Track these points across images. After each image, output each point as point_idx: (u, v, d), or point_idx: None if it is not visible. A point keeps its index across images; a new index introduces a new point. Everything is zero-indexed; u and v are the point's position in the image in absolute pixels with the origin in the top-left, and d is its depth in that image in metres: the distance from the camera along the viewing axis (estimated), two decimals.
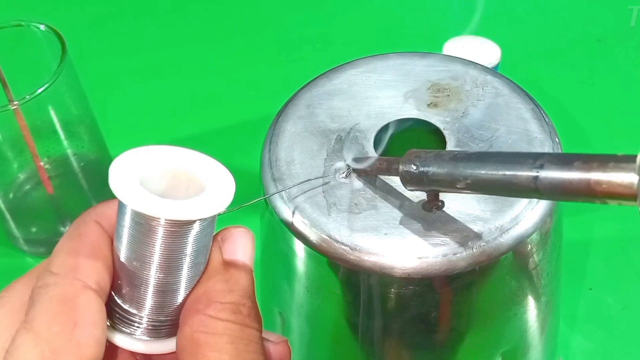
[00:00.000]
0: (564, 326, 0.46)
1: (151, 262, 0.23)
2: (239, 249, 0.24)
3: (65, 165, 0.52)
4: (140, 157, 0.23)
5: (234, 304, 0.23)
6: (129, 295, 0.24)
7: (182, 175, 0.23)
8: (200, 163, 0.24)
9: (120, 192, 0.22)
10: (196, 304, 0.23)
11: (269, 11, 0.75)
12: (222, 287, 0.23)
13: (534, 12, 0.72)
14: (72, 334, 0.22)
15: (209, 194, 0.23)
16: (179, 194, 0.23)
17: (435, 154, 0.27)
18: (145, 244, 0.22)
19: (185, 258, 0.23)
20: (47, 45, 0.49)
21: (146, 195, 0.22)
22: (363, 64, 0.37)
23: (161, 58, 0.70)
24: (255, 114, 0.56)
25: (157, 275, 0.23)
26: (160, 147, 0.24)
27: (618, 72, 0.65)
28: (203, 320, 0.23)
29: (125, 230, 0.23)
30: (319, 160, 0.32)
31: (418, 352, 0.34)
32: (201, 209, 0.22)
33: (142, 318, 0.24)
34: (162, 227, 0.22)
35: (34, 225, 0.55)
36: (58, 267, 0.23)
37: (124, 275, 0.23)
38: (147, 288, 0.23)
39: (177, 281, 0.23)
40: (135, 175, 0.22)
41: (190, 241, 0.23)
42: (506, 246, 0.29)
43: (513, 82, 0.35)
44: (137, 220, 0.22)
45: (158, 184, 0.23)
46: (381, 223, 0.30)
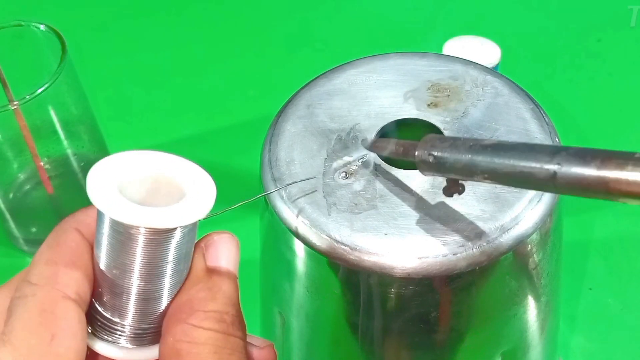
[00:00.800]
0: (564, 326, 0.46)
1: (132, 270, 0.22)
2: (222, 255, 0.24)
3: (65, 165, 0.52)
4: (118, 164, 0.22)
5: (218, 312, 0.23)
6: (110, 303, 0.23)
7: (162, 181, 0.23)
8: (180, 168, 0.23)
9: (98, 200, 0.21)
10: (179, 313, 0.23)
11: (269, 11, 0.75)
12: (205, 295, 0.23)
13: (534, 12, 0.72)
14: (49, 346, 0.21)
15: (189, 200, 0.22)
16: (160, 199, 0.23)
17: (451, 143, 0.27)
18: (125, 252, 0.22)
19: (166, 266, 0.23)
20: (47, 45, 0.49)
21: (124, 203, 0.21)
22: (363, 64, 0.37)
23: (161, 58, 0.70)
24: (255, 114, 0.56)
25: (138, 283, 0.23)
26: (139, 153, 0.23)
27: (618, 72, 0.65)
28: (185, 329, 0.22)
29: (105, 239, 0.22)
30: (319, 160, 0.32)
31: (418, 352, 0.33)
32: (181, 216, 0.22)
33: (124, 326, 0.23)
34: (141, 235, 0.22)
35: (34, 225, 0.55)
36: (36, 277, 0.22)
37: (104, 283, 0.23)
38: (129, 296, 0.23)
39: (159, 289, 0.23)
40: (114, 183, 0.22)
41: (172, 249, 0.22)
42: (506, 246, 0.29)
43: (513, 82, 0.35)
44: (115, 229, 0.22)
45: (137, 191, 0.23)
46: (381, 223, 0.30)
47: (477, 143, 0.26)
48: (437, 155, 0.27)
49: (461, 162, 0.26)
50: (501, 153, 0.25)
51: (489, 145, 0.25)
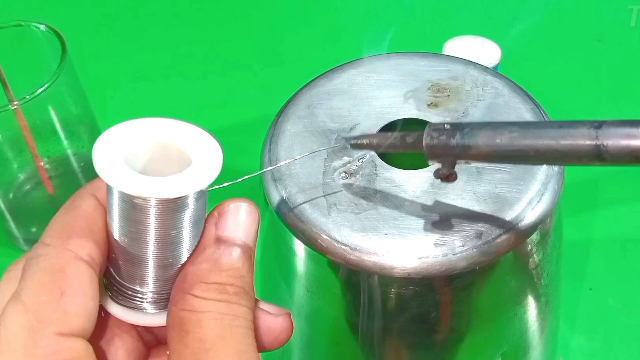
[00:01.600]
0: (564, 326, 0.46)
1: (143, 239, 0.22)
2: (236, 224, 0.24)
3: (65, 165, 0.52)
4: (123, 133, 0.22)
5: (221, 284, 0.23)
6: (124, 269, 0.23)
7: (170, 148, 0.23)
8: (186, 133, 0.23)
9: (104, 172, 0.21)
10: (182, 283, 0.23)
11: (269, 11, 0.75)
12: (209, 266, 0.23)
13: (534, 12, 0.72)
14: (59, 303, 0.21)
15: (196, 167, 0.22)
16: (167, 166, 0.23)
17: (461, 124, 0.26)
18: (134, 221, 0.22)
19: (177, 233, 0.23)
20: (47, 45, 0.49)
21: (130, 174, 0.21)
22: (363, 64, 0.37)
23: (161, 58, 0.70)
24: (255, 114, 0.56)
25: (151, 251, 0.23)
26: (144, 121, 0.23)
27: (618, 72, 0.65)
28: (187, 299, 0.22)
29: (114, 209, 0.22)
30: (319, 160, 0.32)
31: (418, 352, 0.34)
32: (189, 184, 0.21)
33: (142, 292, 0.24)
34: (149, 204, 0.22)
35: (34, 225, 0.55)
36: (50, 239, 0.23)
37: (117, 249, 0.23)
38: (144, 264, 0.23)
39: (173, 255, 0.23)
40: (120, 154, 0.22)
41: (182, 216, 0.22)
42: (506, 246, 0.29)
43: (513, 82, 0.35)
44: (124, 200, 0.22)
45: (145, 159, 0.22)
46: (381, 223, 0.30)
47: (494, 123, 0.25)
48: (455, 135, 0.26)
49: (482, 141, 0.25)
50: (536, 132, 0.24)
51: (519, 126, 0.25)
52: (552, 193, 0.31)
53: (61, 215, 0.23)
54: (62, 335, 0.21)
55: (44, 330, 0.21)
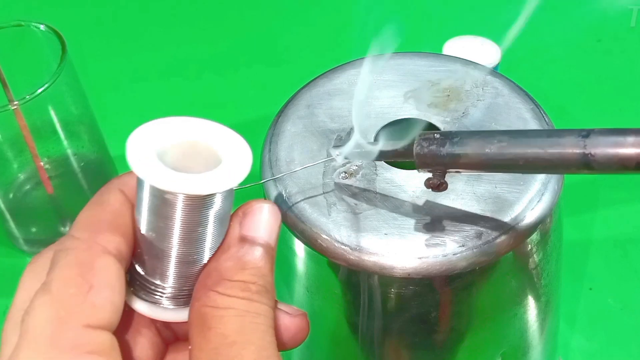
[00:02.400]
0: (564, 326, 0.46)
1: (170, 235, 0.23)
2: (259, 225, 0.24)
3: (65, 165, 0.52)
4: (157, 130, 0.23)
5: (244, 282, 0.23)
6: (149, 264, 0.24)
7: (200, 147, 0.23)
8: (217, 134, 0.24)
9: (137, 166, 0.22)
10: (206, 279, 0.23)
11: (269, 11, 0.75)
12: (233, 264, 0.23)
13: (534, 12, 0.72)
14: (87, 295, 0.22)
15: (226, 166, 0.23)
16: (197, 165, 0.23)
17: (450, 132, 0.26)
18: (163, 216, 0.23)
19: (203, 230, 0.23)
20: (47, 45, 0.49)
21: (162, 169, 0.22)
22: (363, 64, 0.37)
23: (161, 58, 0.70)
24: (255, 114, 0.56)
25: (176, 246, 0.23)
26: (178, 119, 0.24)
27: (618, 72, 0.65)
28: (210, 295, 0.23)
29: (144, 203, 0.23)
30: (319, 160, 0.32)
31: (418, 352, 0.33)
32: (217, 183, 0.22)
33: (164, 287, 0.24)
34: (178, 200, 0.22)
35: (34, 225, 0.55)
36: (79, 232, 0.23)
37: (143, 244, 0.24)
38: (168, 259, 0.23)
39: (196, 252, 0.23)
40: (153, 149, 0.22)
41: (208, 214, 0.23)
42: (506, 246, 0.29)
43: (513, 82, 0.35)
44: (154, 194, 0.22)
45: (176, 156, 0.23)
46: (381, 223, 0.30)
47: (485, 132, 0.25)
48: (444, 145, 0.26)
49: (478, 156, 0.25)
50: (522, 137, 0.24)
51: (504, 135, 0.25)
52: (552, 193, 0.31)
53: (89, 209, 0.24)
54: (89, 327, 0.22)
55: (72, 321, 0.21)
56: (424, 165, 0.27)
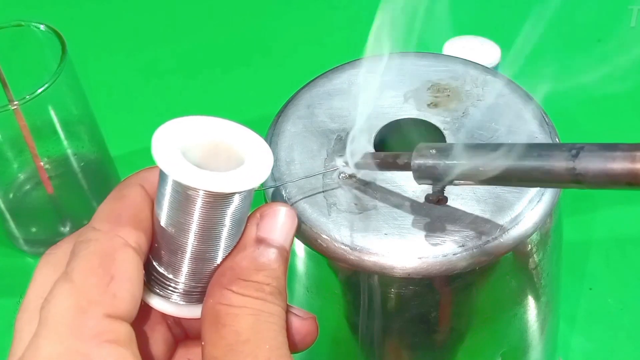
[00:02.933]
0: (564, 326, 0.46)
1: (188, 230, 0.23)
2: (275, 227, 0.25)
3: (65, 165, 0.52)
4: (182, 127, 0.23)
5: (258, 283, 0.23)
6: (165, 260, 0.24)
7: (222, 146, 0.24)
8: (240, 135, 0.24)
9: (162, 161, 0.22)
10: (221, 277, 0.24)
11: (269, 11, 0.75)
12: (248, 264, 0.24)
13: (534, 12, 0.72)
14: (108, 286, 0.22)
15: (247, 167, 0.23)
16: (219, 164, 0.24)
17: (446, 147, 0.27)
18: (183, 212, 0.23)
19: (221, 228, 0.23)
20: (47, 45, 0.49)
21: (186, 166, 0.22)
22: (363, 64, 0.37)
23: (161, 58, 0.70)
24: (255, 114, 0.56)
25: (193, 243, 0.23)
26: (203, 118, 0.24)
27: (618, 72, 0.65)
28: (225, 293, 0.23)
29: (165, 198, 0.23)
30: (319, 160, 0.32)
31: (418, 352, 0.33)
32: (239, 182, 0.22)
33: (177, 283, 0.24)
34: (199, 197, 0.23)
35: (34, 225, 0.55)
36: (100, 224, 0.23)
37: (162, 240, 0.24)
38: (184, 254, 0.24)
39: (212, 250, 0.24)
40: (177, 145, 0.23)
41: (227, 213, 0.23)
42: (506, 246, 0.29)
43: (513, 82, 0.35)
44: (176, 189, 0.23)
45: (198, 154, 0.23)
46: (381, 223, 0.30)
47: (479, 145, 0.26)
48: (439, 158, 0.27)
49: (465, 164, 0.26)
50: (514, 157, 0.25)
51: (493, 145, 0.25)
52: (552, 193, 0.31)
53: (110, 203, 0.24)
54: (109, 317, 0.22)
55: (92, 310, 0.22)
56: (421, 178, 0.28)
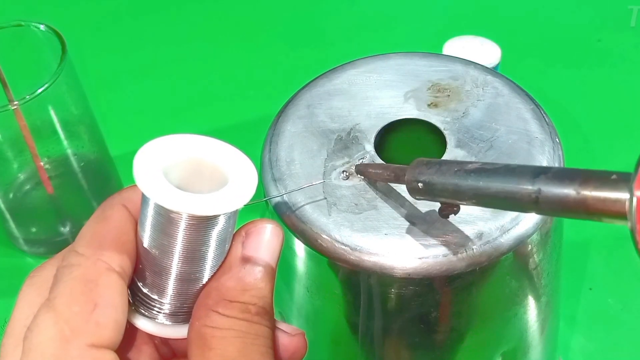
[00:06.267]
0: (564, 326, 0.46)
1: (172, 252, 0.23)
2: (261, 245, 0.24)
3: (65, 165, 0.52)
4: (164, 147, 0.23)
5: (244, 303, 0.23)
6: (150, 281, 0.24)
7: (206, 165, 0.23)
8: (223, 153, 0.24)
9: (144, 184, 0.22)
10: (206, 298, 0.23)
11: (269, 11, 0.75)
12: (234, 284, 0.23)
13: (534, 12, 0.72)
14: (91, 314, 0.22)
15: (231, 187, 0.23)
16: (203, 184, 0.23)
17: (437, 169, 0.27)
18: (166, 234, 0.23)
19: (206, 249, 0.23)
20: (47, 45, 0.49)
21: (169, 188, 0.22)
22: (363, 64, 0.37)
23: (161, 58, 0.70)
24: (255, 114, 0.56)
25: (178, 264, 0.23)
26: (185, 136, 0.24)
27: (618, 72, 0.65)
28: (210, 315, 0.23)
29: (148, 220, 0.23)
30: (319, 160, 0.32)
31: (418, 352, 0.34)
32: (223, 204, 0.22)
33: (162, 304, 0.24)
34: (183, 220, 0.22)
35: (34, 225, 0.55)
36: (83, 248, 0.23)
37: (146, 261, 0.24)
38: (168, 276, 0.23)
39: (198, 270, 0.23)
40: (159, 166, 0.22)
41: (212, 234, 0.23)
42: (506, 246, 0.29)
43: (513, 82, 0.35)
44: (159, 212, 0.22)
45: (181, 174, 0.23)
46: (381, 223, 0.30)
47: (461, 168, 0.26)
48: (425, 181, 0.27)
49: (448, 188, 0.26)
50: (484, 178, 0.25)
51: (473, 170, 0.25)
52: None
53: (92, 225, 0.24)
54: (94, 346, 0.22)
55: (76, 340, 0.21)
56: (412, 194, 0.28)
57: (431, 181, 0.27)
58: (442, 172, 0.26)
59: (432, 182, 0.27)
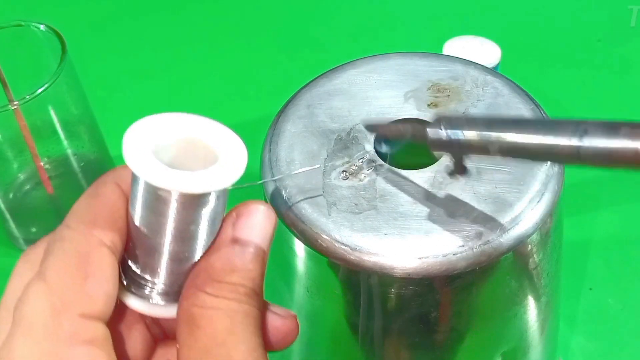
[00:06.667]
0: (564, 326, 0.46)
1: (163, 231, 0.23)
2: (252, 227, 0.24)
3: (65, 165, 0.52)
4: (154, 125, 0.23)
5: (232, 284, 0.23)
6: (141, 260, 0.24)
7: (196, 144, 0.23)
8: (214, 131, 0.23)
9: (132, 162, 0.21)
10: (195, 279, 0.23)
11: (269, 11, 0.75)
12: (223, 265, 0.23)
13: (534, 12, 0.72)
14: (83, 286, 0.22)
15: (221, 165, 0.22)
16: (193, 162, 0.23)
17: (467, 118, 0.27)
18: (156, 213, 0.23)
19: (196, 228, 0.23)
20: (47, 45, 0.49)
21: (157, 166, 0.22)
22: (363, 64, 0.37)
23: (161, 58, 0.70)
24: (255, 114, 0.56)
25: (168, 243, 0.23)
26: (175, 115, 0.23)
27: (618, 72, 0.65)
28: (199, 295, 0.23)
29: (138, 199, 0.23)
30: (319, 160, 0.32)
31: (418, 352, 0.34)
32: (212, 182, 0.22)
33: (153, 283, 0.24)
34: (172, 198, 0.22)
35: (34, 225, 0.55)
36: (75, 223, 0.23)
37: (137, 240, 0.23)
38: (159, 255, 0.23)
39: (188, 250, 0.23)
40: (149, 145, 0.22)
41: (202, 212, 0.23)
42: (506, 246, 0.29)
43: (513, 82, 0.35)
44: (148, 190, 0.22)
45: (172, 153, 0.23)
46: (381, 223, 0.30)
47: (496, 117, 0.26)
48: (452, 129, 0.26)
49: (478, 135, 0.26)
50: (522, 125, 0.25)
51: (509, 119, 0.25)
52: (552, 193, 0.31)
53: (84, 201, 0.24)
54: (84, 317, 0.22)
55: (67, 311, 0.21)
56: (435, 149, 0.28)
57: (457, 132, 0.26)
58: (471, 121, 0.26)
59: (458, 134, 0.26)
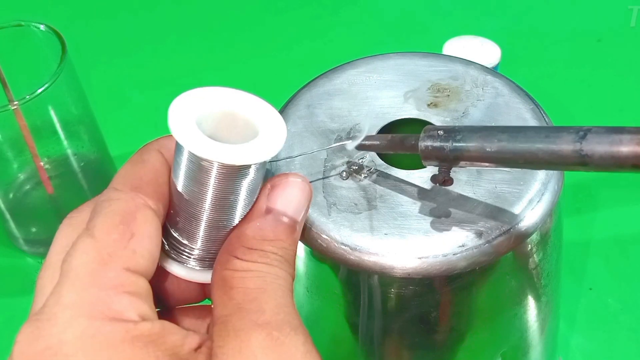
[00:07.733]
0: (564, 326, 0.46)
1: (203, 200, 0.24)
2: (285, 198, 0.25)
3: (65, 165, 0.52)
4: (198, 98, 0.24)
5: (263, 251, 0.24)
6: (181, 226, 0.25)
7: (237, 117, 0.24)
8: (255, 106, 0.24)
9: (178, 132, 0.22)
10: (228, 245, 0.24)
11: (269, 11, 0.75)
12: (254, 234, 0.24)
13: (534, 12, 0.72)
14: (128, 242, 0.23)
15: (262, 139, 0.23)
16: (234, 135, 0.24)
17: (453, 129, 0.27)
18: (198, 182, 0.23)
19: (234, 198, 0.24)
20: (47, 45, 0.49)
21: (201, 137, 0.22)
22: (363, 64, 0.37)
23: (161, 58, 0.70)
24: None
25: (207, 211, 0.24)
26: (219, 89, 0.24)
27: (618, 72, 0.65)
28: (231, 260, 0.24)
29: (181, 168, 0.24)
30: (319, 160, 0.32)
31: (418, 352, 0.34)
32: (252, 154, 0.23)
33: (192, 248, 0.25)
34: (214, 169, 0.23)
35: (34, 225, 0.55)
36: (121, 185, 0.24)
37: (178, 207, 0.24)
38: (199, 222, 0.24)
39: (226, 218, 0.24)
40: (193, 116, 0.23)
41: (241, 183, 0.24)
42: (506, 246, 0.29)
43: (513, 82, 0.35)
44: (191, 160, 0.23)
45: (214, 125, 0.24)
46: (381, 223, 0.30)
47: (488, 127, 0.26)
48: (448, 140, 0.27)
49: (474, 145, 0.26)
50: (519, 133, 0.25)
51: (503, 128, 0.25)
52: (552, 193, 0.31)
53: (130, 167, 0.25)
54: (129, 271, 0.22)
55: (113, 263, 0.22)
56: (428, 159, 0.28)
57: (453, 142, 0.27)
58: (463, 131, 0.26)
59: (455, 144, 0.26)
